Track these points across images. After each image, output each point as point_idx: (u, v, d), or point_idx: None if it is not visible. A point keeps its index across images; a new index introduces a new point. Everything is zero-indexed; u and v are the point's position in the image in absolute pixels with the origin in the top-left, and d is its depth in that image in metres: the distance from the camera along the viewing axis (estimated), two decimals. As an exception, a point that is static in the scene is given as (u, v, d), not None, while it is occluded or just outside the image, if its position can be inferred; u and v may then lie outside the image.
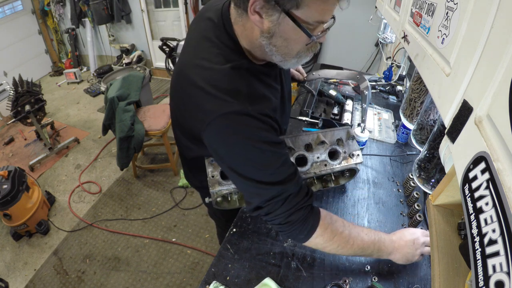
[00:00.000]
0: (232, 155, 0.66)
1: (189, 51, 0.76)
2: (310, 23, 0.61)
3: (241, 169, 0.67)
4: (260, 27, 0.63)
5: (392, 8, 1.13)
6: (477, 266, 0.32)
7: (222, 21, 0.70)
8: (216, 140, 0.66)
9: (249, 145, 0.63)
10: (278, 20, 0.60)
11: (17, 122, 2.83)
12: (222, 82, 0.64)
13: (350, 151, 1.01)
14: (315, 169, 0.97)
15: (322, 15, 0.61)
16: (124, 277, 1.98)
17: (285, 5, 0.58)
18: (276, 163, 0.67)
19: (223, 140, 0.65)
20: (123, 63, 4.43)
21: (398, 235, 0.84)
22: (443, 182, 0.77)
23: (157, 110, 2.56)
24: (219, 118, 0.62)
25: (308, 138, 1.00)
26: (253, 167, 0.66)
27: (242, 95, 0.63)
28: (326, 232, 0.74)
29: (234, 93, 0.63)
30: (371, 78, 1.88)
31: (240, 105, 0.62)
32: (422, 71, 0.69)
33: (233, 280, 0.85)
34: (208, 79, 0.64)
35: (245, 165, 0.67)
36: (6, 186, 2.06)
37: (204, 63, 0.68)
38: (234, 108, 0.61)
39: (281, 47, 0.66)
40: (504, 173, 0.32)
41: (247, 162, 0.66)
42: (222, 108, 0.61)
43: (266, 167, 0.66)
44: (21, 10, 4.40)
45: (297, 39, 0.64)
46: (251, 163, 0.66)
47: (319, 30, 0.64)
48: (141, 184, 2.68)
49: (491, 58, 0.39)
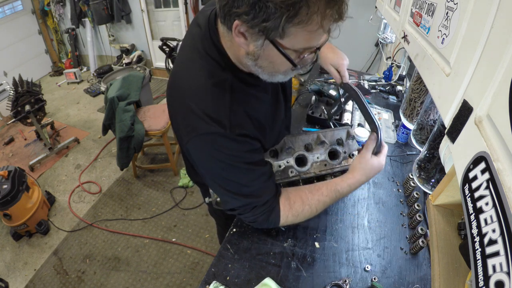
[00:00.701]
0: (209, 169, 0.74)
1: (181, 60, 0.77)
2: (296, 49, 0.59)
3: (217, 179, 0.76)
4: (245, 49, 0.62)
5: (392, 8, 1.13)
6: (477, 266, 0.32)
7: (209, 31, 0.69)
8: (196, 154, 0.72)
9: (225, 163, 0.70)
10: (263, 46, 0.59)
11: (17, 122, 2.83)
12: (204, 101, 0.67)
13: (350, 151, 1.01)
14: (315, 169, 0.97)
15: (308, 42, 0.59)
16: (124, 277, 1.98)
17: (269, 34, 0.56)
18: (248, 179, 0.74)
19: (201, 157, 0.72)
20: (123, 63, 4.43)
21: (355, 177, 0.86)
22: (443, 182, 0.77)
23: (157, 110, 2.56)
24: (200, 137, 0.67)
25: (308, 138, 1.00)
26: (227, 180, 0.74)
27: (222, 117, 0.66)
28: (289, 218, 0.84)
29: (215, 114, 0.66)
30: (371, 78, 1.88)
31: (219, 128, 0.65)
32: (422, 71, 0.69)
33: (233, 280, 0.85)
34: (193, 96, 0.68)
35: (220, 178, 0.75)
36: (6, 186, 2.06)
37: (191, 76, 0.70)
38: (212, 130, 0.65)
39: (267, 68, 0.65)
40: (504, 173, 0.32)
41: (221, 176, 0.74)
42: (203, 128, 0.66)
43: (238, 182, 0.74)
44: (21, 10, 4.40)
45: (283, 63, 0.62)
46: (225, 177, 0.74)
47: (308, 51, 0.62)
48: (141, 184, 2.68)
49: (491, 58, 0.39)
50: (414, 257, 0.91)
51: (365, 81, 1.84)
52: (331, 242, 0.95)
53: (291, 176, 0.95)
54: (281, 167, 0.96)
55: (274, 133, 0.90)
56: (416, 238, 0.91)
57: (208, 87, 0.66)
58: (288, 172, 0.95)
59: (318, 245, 0.94)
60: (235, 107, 0.68)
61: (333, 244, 0.95)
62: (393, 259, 0.90)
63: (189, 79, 0.70)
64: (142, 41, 4.41)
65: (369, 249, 0.93)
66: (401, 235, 0.97)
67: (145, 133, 2.34)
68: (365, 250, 0.93)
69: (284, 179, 0.95)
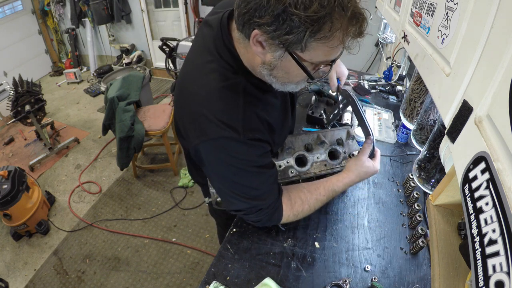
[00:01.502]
0: (219, 173, 0.74)
1: (192, 60, 0.76)
2: (314, 62, 0.60)
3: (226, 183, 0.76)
4: (261, 58, 0.61)
5: (392, 8, 1.13)
6: (477, 266, 0.32)
7: (221, 32, 0.68)
8: (207, 158, 0.71)
9: (236, 167, 0.70)
10: (281, 57, 0.59)
11: (17, 122, 2.83)
12: (217, 105, 0.66)
13: (350, 151, 1.01)
14: (315, 169, 0.97)
15: (327, 56, 0.59)
16: (124, 277, 1.98)
17: (290, 46, 0.56)
18: (258, 183, 0.75)
19: (212, 161, 0.71)
20: (123, 63, 4.43)
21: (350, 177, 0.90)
22: (443, 182, 0.77)
23: (157, 110, 2.56)
24: (212, 141, 0.66)
25: (308, 138, 1.00)
26: (237, 183, 0.74)
27: (235, 122, 0.65)
28: (290, 217, 0.87)
29: (228, 119, 0.65)
30: (371, 78, 1.88)
31: (232, 132, 0.64)
32: (422, 71, 0.69)
33: (233, 280, 0.85)
34: (205, 101, 0.67)
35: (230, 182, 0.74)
36: (6, 186, 2.06)
37: (203, 79, 0.68)
38: (226, 134, 0.64)
39: (282, 78, 0.65)
40: (504, 173, 0.32)
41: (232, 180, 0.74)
42: (215, 133, 0.65)
43: (248, 186, 0.74)
44: (21, 10, 4.40)
45: (299, 74, 0.63)
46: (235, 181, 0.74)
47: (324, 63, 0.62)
48: (141, 184, 2.68)
49: (491, 58, 0.39)
50: (414, 257, 0.91)
51: (365, 81, 1.84)
52: (331, 242, 0.95)
53: (291, 176, 0.95)
54: (281, 167, 0.96)
55: (282, 138, 0.91)
56: (416, 238, 0.91)
57: (221, 91, 0.66)
58: (288, 172, 0.95)
59: (318, 245, 0.94)
60: (248, 111, 0.67)
61: (333, 244, 0.95)
62: (393, 259, 0.90)
63: (200, 82, 0.69)
64: (142, 41, 4.41)
65: (369, 249, 0.93)
66: (401, 235, 0.97)
67: (145, 133, 2.34)
68: (365, 250, 0.93)
69: (284, 179, 0.95)
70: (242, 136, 0.65)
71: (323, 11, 0.50)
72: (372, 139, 0.90)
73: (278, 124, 0.80)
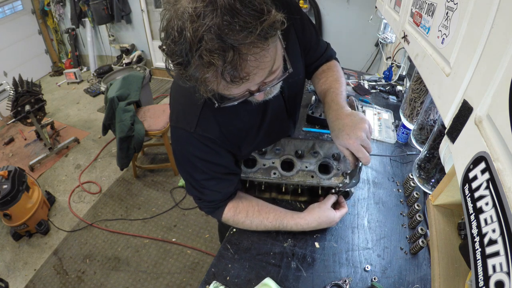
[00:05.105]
0: (174, 155, 0.85)
1: None
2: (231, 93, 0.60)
3: (178, 165, 0.85)
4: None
5: (392, 8, 1.13)
6: (477, 266, 0.32)
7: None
8: (171, 137, 0.83)
9: (183, 156, 0.80)
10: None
11: (17, 122, 2.83)
12: (183, 99, 0.78)
13: (346, 169, 0.94)
14: (300, 177, 0.93)
15: (238, 92, 0.59)
16: (124, 277, 1.98)
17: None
18: (200, 178, 0.82)
19: (172, 143, 0.83)
20: (123, 63, 4.43)
21: (307, 219, 0.91)
22: (443, 182, 0.77)
23: (157, 110, 2.56)
24: (171, 127, 0.80)
25: (301, 145, 0.95)
26: (184, 169, 0.83)
27: (192, 117, 0.74)
28: (229, 221, 0.93)
29: (188, 113, 0.76)
30: (371, 78, 1.88)
31: (187, 125, 0.75)
32: (422, 71, 0.69)
33: (233, 280, 0.85)
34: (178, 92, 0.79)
35: (180, 165, 0.84)
36: (6, 186, 2.06)
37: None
38: (181, 125, 0.76)
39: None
40: (504, 173, 0.32)
41: (180, 164, 0.83)
42: (174, 121, 0.78)
43: (191, 176, 0.83)
44: (21, 10, 4.39)
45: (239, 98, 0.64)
46: (182, 165, 0.83)
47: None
48: (141, 184, 2.68)
49: (491, 58, 0.39)
50: (414, 257, 0.91)
51: (365, 81, 1.84)
52: (331, 242, 0.95)
53: (272, 178, 0.93)
54: (265, 165, 0.94)
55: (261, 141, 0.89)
56: (416, 238, 0.91)
57: (190, 88, 0.66)
58: (270, 173, 0.93)
59: (318, 245, 0.94)
60: (207, 112, 0.74)
61: (333, 244, 0.95)
62: (393, 259, 0.91)
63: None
64: (142, 41, 4.41)
65: (369, 249, 0.93)
66: (401, 235, 0.97)
67: (145, 133, 2.34)
68: (365, 250, 0.93)
69: (265, 178, 0.93)
70: (193, 130, 0.74)
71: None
72: (352, 190, 0.93)
73: (252, 128, 0.83)
